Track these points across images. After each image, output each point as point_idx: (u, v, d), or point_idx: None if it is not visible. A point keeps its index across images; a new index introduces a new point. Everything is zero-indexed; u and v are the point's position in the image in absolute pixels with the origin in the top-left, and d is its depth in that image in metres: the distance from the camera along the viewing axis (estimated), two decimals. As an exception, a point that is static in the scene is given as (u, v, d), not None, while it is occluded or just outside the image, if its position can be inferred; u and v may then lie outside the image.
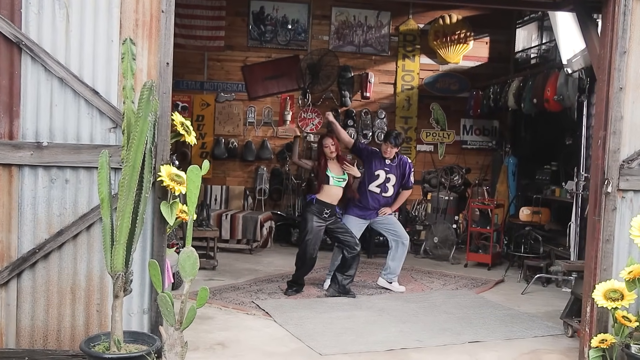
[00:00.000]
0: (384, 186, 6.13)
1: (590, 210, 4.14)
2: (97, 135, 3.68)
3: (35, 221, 3.64)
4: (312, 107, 9.21)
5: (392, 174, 6.15)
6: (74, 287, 3.67)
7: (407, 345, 4.41)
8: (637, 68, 3.93)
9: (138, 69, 3.62)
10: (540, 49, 8.76)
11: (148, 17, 3.71)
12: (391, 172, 6.14)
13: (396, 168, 6.17)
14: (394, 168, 6.16)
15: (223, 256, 7.42)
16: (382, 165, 6.13)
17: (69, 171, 3.65)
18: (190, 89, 9.08)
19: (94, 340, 3.39)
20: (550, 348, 4.51)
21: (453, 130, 9.52)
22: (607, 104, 3.95)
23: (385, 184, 6.13)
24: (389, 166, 6.14)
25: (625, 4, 3.85)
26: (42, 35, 3.62)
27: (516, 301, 5.92)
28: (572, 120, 6.99)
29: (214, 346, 4.23)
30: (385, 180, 6.13)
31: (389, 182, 6.14)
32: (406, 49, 9.37)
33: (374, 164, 6.13)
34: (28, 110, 3.63)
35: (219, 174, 9.12)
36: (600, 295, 3.71)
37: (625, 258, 3.86)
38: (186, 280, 2.95)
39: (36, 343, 3.66)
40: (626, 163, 3.93)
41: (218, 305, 5.28)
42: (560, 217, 7.40)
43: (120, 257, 3.26)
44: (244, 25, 9.12)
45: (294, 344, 4.39)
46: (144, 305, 3.71)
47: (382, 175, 6.11)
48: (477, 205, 8.02)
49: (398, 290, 6.13)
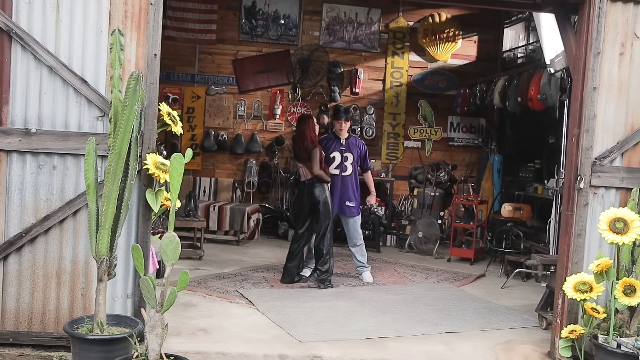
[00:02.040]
0: (342, 166, 6.31)
1: (564, 205, 4.28)
2: (85, 123, 3.77)
3: (22, 206, 3.73)
4: (302, 102, 9.31)
5: (349, 152, 6.33)
6: (59, 271, 3.77)
7: (385, 335, 4.53)
8: (610, 69, 4.07)
9: (126, 60, 3.71)
10: (527, 49, 8.89)
11: (137, 9, 3.79)
12: (347, 151, 6.33)
13: (351, 147, 6.36)
14: (349, 147, 6.34)
15: (210, 247, 7.51)
16: (337, 146, 6.33)
17: (57, 158, 3.74)
18: (181, 81, 9.15)
19: (78, 322, 3.48)
20: (524, 339, 4.64)
21: (440, 127, 9.64)
22: (581, 103, 4.08)
23: (343, 164, 6.31)
24: (344, 146, 6.34)
25: (600, 6, 3.98)
26: (33, 25, 3.71)
27: (495, 295, 6.06)
28: (554, 119, 7.13)
29: (196, 332, 4.34)
30: (343, 160, 6.30)
31: (347, 160, 6.32)
32: (396, 46, 9.48)
33: (329, 148, 6.30)
34: (17, 98, 3.71)
35: (208, 166, 9.21)
36: (571, 287, 3.85)
37: (596, 252, 3.99)
38: (168, 264, 3.05)
39: (21, 325, 3.75)
40: (598, 160, 4.07)
41: (202, 294, 5.38)
42: (543, 214, 7.54)
43: (105, 241, 3.36)
44: (236, 19, 9.20)
45: (275, 331, 4.51)
46: (127, 290, 3.81)
47: (337, 156, 6.29)
48: (461, 201, 8.15)
49: (366, 280, 6.29)
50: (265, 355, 3.96)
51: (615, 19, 4.07)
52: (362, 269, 6.39)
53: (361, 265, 6.39)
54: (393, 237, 8.84)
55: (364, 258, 6.40)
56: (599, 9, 3.98)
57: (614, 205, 4.03)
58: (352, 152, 6.35)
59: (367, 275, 6.35)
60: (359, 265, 6.40)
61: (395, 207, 9.07)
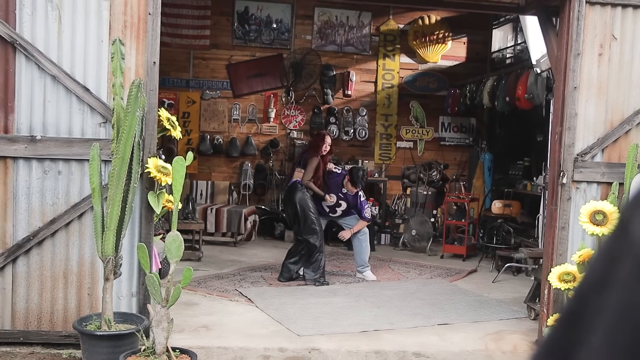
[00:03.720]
0: (333, 209, 6.47)
1: (549, 200, 4.47)
2: (88, 129, 3.92)
3: (29, 210, 3.88)
4: (295, 105, 9.48)
5: (344, 202, 6.46)
6: (66, 272, 3.92)
7: (380, 328, 4.71)
8: (589, 69, 4.26)
9: (127, 68, 3.86)
10: (515, 49, 9.11)
11: (136, 19, 3.95)
12: (344, 199, 6.45)
13: (349, 198, 6.45)
14: (348, 197, 6.45)
15: (208, 248, 7.67)
16: (339, 190, 6.42)
17: (62, 163, 3.90)
18: (177, 87, 9.31)
19: (86, 320, 3.64)
20: (513, 329, 4.83)
21: (432, 128, 9.83)
22: (563, 102, 4.27)
23: (335, 207, 6.46)
24: (344, 195, 6.44)
25: (579, 9, 4.17)
26: (36, 35, 3.86)
27: (486, 289, 6.24)
28: (542, 118, 7.33)
29: (198, 329, 4.50)
30: (336, 205, 6.45)
31: (340, 207, 6.47)
32: (386, 48, 9.67)
33: (331, 183, 6.40)
34: (22, 106, 3.86)
35: (204, 169, 9.36)
36: (555, 277, 4.02)
37: (579, 244, 4.18)
38: (172, 262, 3.21)
39: (30, 324, 3.90)
40: (580, 156, 4.26)
41: (203, 293, 5.54)
42: (532, 210, 7.74)
43: (111, 242, 3.52)
44: (229, 24, 9.36)
45: (274, 326, 4.67)
46: (132, 289, 3.97)
47: (334, 199, 6.41)
48: (453, 199, 8.34)
49: (370, 279, 6.43)
50: (265, 349, 4.13)
51: (594, 21, 4.27)
52: (361, 268, 6.54)
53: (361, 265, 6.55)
54: (387, 235, 9.01)
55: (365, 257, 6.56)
56: (578, 12, 4.17)
57: (596, 199, 4.22)
58: (348, 202, 6.44)
59: (369, 273, 6.50)
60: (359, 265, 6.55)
61: (389, 207, 9.25)
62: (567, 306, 0.49)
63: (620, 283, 0.44)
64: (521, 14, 5.67)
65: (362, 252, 6.51)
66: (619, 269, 0.44)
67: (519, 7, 4.98)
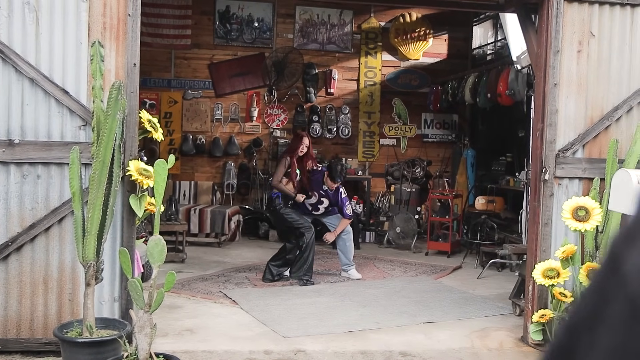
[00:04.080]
0: (315, 206, 6.44)
1: (531, 196, 4.50)
2: (68, 132, 3.86)
3: (7, 215, 3.81)
4: (278, 104, 9.45)
5: (326, 199, 6.43)
6: (46, 278, 3.86)
7: (366, 327, 4.71)
8: (569, 66, 4.29)
9: (106, 70, 3.81)
10: (496, 46, 9.16)
11: (115, 21, 3.90)
12: (326, 196, 6.43)
13: (331, 194, 6.43)
14: (329, 194, 6.43)
15: (192, 250, 7.61)
16: (319, 188, 6.38)
17: (41, 167, 3.83)
18: (158, 87, 9.22)
19: (67, 326, 3.58)
20: (498, 326, 4.86)
21: (414, 125, 9.86)
22: (544, 98, 4.30)
23: (317, 205, 6.44)
24: (325, 192, 6.41)
25: (558, 7, 4.20)
26: (13, 38, 3.79)
27: (471, 285, 6.27)
28: (523, 114, 7.38)
29: (182, 332, 4.46)
30: (318, 202, 6.42)
31: (322, 204, 6.44)
32: (368, 46, 9.67)
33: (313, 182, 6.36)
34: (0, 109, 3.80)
35: (187, 169, 9.29)
36: (539, 274, 4.06)
37: (562, 240, 4.21)
38: (155, 266, 3.18)
39: (9, 332, 3.83)
40: (561, 153, 4.29)
41: (187, 295, 5.50)
42: (515, 205, 7.79)
43: (92, 246, 3.47)
44: (210, 24, 9.30)
45: (259, 328, 4.65)
46: (114, 294, 3.92)
47: (315, 196, 6.38)
48: (437, 196, 8.37)
49: (355, 277, 6.43)
50: (250, 352, 4.10)
51: (572, 19, 4.30)
52: (346, 267, 6.54)
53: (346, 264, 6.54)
54: (372, 233, 9.02)
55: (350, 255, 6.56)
56: (557, 9, 4.20)
57: (578, 195, 4.25)
58: (330, 199, 6.42)
59: (354, 272, 6.50)
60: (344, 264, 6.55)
61: (373, 204, 9.26)
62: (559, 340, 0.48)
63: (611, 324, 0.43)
64: (501, 11, 5.70)
65: (347, 251, 6.51)
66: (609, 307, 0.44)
67: (499, 5, 5.00)
